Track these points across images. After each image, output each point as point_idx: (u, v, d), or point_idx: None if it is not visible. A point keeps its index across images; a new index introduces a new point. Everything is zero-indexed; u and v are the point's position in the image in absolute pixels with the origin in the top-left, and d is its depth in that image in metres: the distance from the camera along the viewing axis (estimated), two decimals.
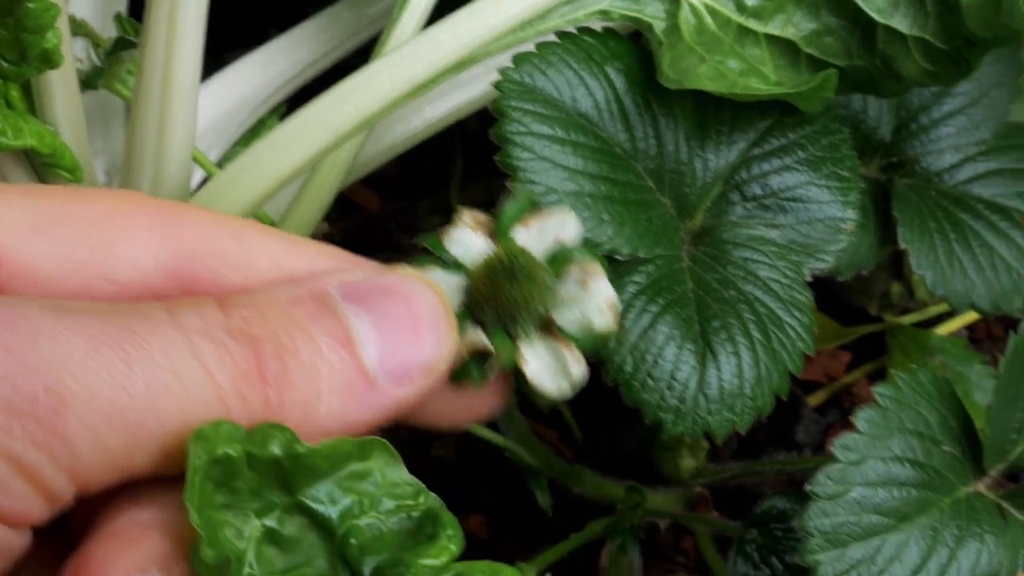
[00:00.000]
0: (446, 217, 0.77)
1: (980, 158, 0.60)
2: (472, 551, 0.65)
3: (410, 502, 0.34)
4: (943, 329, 0.71)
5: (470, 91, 0.58)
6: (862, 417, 0.50)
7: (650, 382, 0.49)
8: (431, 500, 0.34)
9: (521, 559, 0.62)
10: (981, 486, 0.52)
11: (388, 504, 0.33)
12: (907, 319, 0.71)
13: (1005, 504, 0.52)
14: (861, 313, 0.72)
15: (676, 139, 0.53)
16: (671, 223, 0.53)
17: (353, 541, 0.33)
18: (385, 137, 0.59)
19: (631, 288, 0.50)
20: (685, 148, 0.53)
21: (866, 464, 0.50)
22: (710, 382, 0.50)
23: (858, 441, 0.50)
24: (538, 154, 0.50)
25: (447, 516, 0.34)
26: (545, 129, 0.50)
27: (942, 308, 0.71)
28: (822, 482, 0.49)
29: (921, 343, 0.69)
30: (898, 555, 0.50)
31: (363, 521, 0.33)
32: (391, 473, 0.34)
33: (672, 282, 0.51)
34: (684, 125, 0.53)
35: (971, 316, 0.72)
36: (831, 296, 0.73)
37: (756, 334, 0.51)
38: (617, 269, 0.51)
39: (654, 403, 0.50)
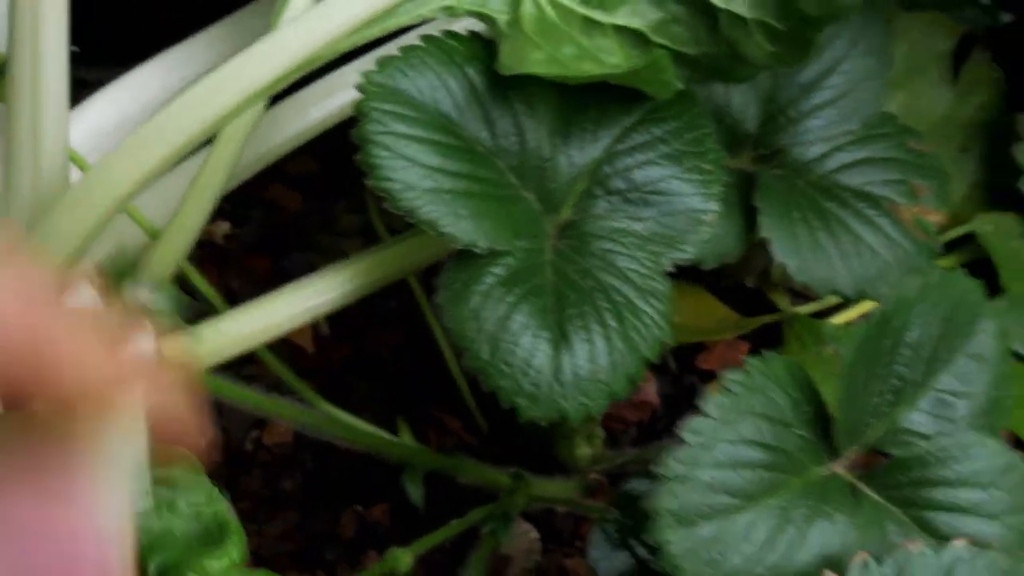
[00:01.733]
0: (363, 216, 0.80)
1: (849, 148, 0.62)
2: (374, 539, 0.67)
3: (204, 509, 0.36)
4: (840, 318, 0.73)
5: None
6: (711, 402, 0.52)
7: (506, 368, 0.52)
8: (222, 508, 0.36)
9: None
10: (836, 467, 0.54)
11: (182, 508, 0.36)
12: (804, 309, 0.73)
13: (860, 485, 0.54)
14: (762, 304, 0.74)
15: (539, 136, 0.55)
16: (534, 217, 0.55)
17: (143, 539, 0.35)
18: (273, 137, 0.61)
19: (488, 280, 0.53)
20: (548, 145, 0.55)
21: (715, 447, 0.51)
22: (564, 368, 0.52)
23: (706, 425, 0.51)
24: (397, 152, 0.52)
25: (234, 524, 0.36)
26: (405, 129, 0.52)
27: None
28: (671, 464, 0.51)
29: (816, 332, 0.71)
30: (747, 534, 0.51)
31: (155, 522, 0.35)
32: (189, 480, 0.36)
33: (531, 274, 0.53)
34: (547, 122, 0.55)
35: (868, 305, 0.74)
36: (735, 289, 0.75)
37: (611, 322, 0.53)
38: (477, 262, 0.53)
39: (510, 389, 0.52)
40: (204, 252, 0.75)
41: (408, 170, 0.52)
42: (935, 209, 0.63)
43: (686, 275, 0.74)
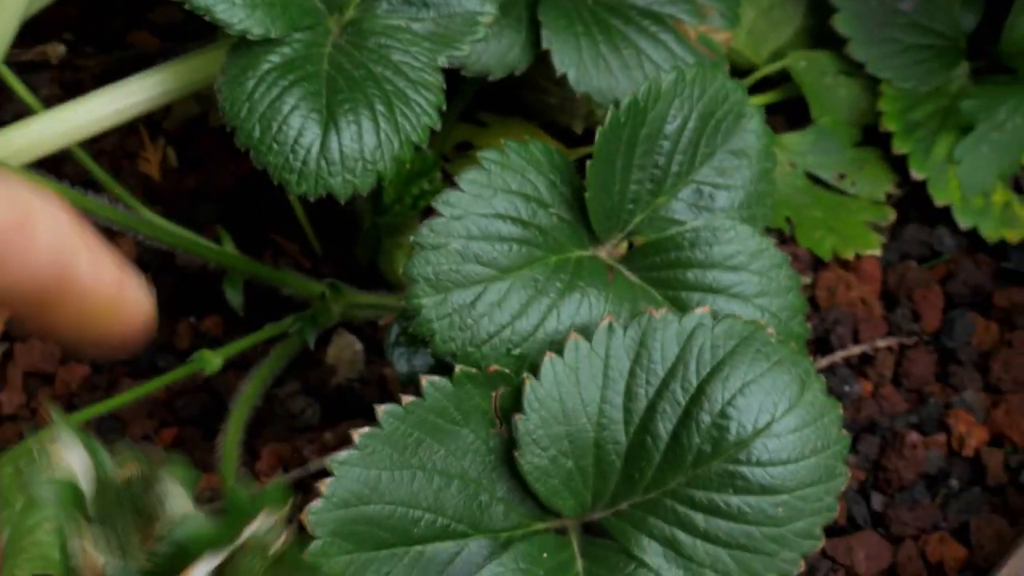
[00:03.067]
0: None
1: None
2: (207, 348, 0.70)
3: None
4: None
5: None
6: (465, 177, 0.55)
7: (276, 147, 0.55)
8: None
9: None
10: (595, 251, 0.58)
11: None
12: None
13: (618, 266, 0.58)
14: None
15: None
16: (315, 12, 0.58)
17: None
18: None
19: (264, 66, 0.56)
20: None
21: (467, 219, 0.55)
22: (331, 147, 0.55)
23: (460, 198, 0.55)
24: None
25: None
26: None
27: None
28: (425, 234, 0.54)
29: None
30: (499, 302, 0.55)
31: None
32: None
33: (306, 62, 0.57)
34: None
35: None
36: (566, 132, 0.78)
37: (381, 108, 0.56)
38: (254, 50, 0.57)
39: (279, 165, 0.55)
40: (40, 72, 0.79)
41: None
42: (722, 28, 0.66)
43: (521, 115, 0.78)
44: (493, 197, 0.55)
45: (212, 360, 0.65)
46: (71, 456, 0.38)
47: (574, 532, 0.54)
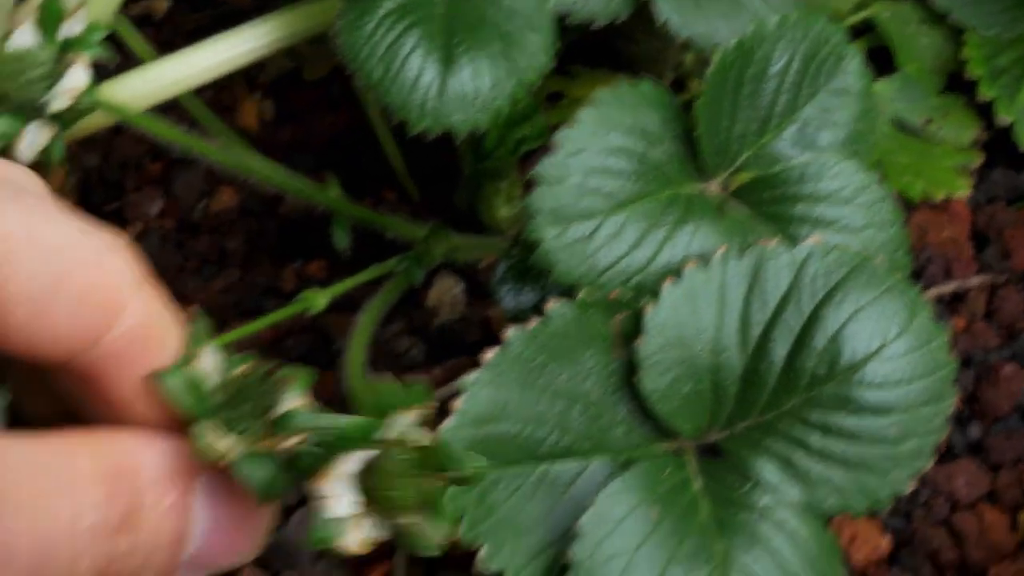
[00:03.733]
0: None
1: None
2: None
3: None
4: None
5: None
6: (582, 114, 0.57)
7: (396, 87, 0.57)
8: None
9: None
10: (705, 186, 0.60)
11: None
12: None
13: (727, 201, 0.60)
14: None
15: None
16: None
17: None
18: None
19: (381, 11, 0.58)
20: None
21: (584, 154, 0.57)
22: (450, 86, 0.58)
23: (578, 134, 0.57)
24: None
25: None
26: None
27: None
28: (544, 168, 0.56)
29: None
30: (616, 234, 0.57)
31: None
32: None
33: (422, 6, 0.59)
34: None
35: None
36: None
37: (496, 49, 0.58)
38: None
39: (400, 104, 0.57)
40: (143, 27, 0.81)
41: None
42: None
43: (608, 66, 0.80)
44: (608, 133, 0.57)
45: (318, 299, 0.67)
46: (204, 359, 0.39)
47: (691, 454, 0.56)
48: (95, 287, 0.38)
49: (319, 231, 0.76)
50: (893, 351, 0.55)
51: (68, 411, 0.42)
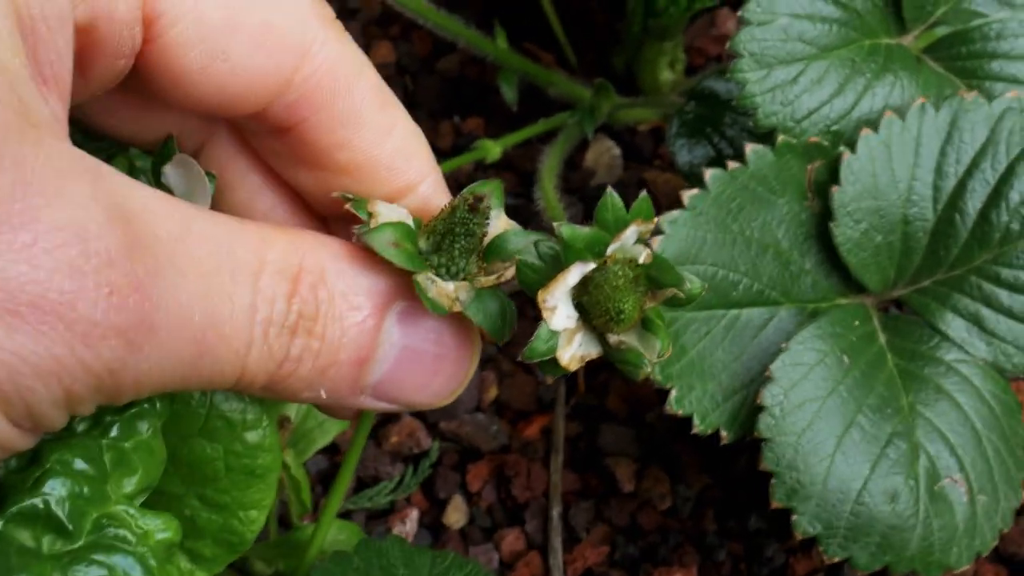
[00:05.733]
0: None
1: None
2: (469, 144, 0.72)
3: None
4: None
5: None
6: None
7: None
8: None
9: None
10: (904, 39, 0.59)
11: None
12: None
13: (924, 56, 0.59)
14: None
15: None
16: None
17: None
18: None
19: None
20: None
21: None
22: None
23: None
24: None
25: None
26: None
27: None
28: (752, 9, 0.55)
29: None
30: (819, 80, 0.56)
31: None
32: None
33: None
34: None
35: None
36: None
37: None
38: None
39: None
40: None
41: None
42: None
43: None
44: None
45: (493, 148, 0.68)
46: (387, 210, 0.38)
47: (875, 307, 0.56)
48: (274, 26, 0.35)
49: (476, 89, 0.75)
50: None
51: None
